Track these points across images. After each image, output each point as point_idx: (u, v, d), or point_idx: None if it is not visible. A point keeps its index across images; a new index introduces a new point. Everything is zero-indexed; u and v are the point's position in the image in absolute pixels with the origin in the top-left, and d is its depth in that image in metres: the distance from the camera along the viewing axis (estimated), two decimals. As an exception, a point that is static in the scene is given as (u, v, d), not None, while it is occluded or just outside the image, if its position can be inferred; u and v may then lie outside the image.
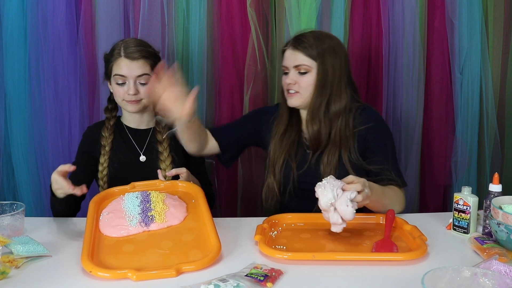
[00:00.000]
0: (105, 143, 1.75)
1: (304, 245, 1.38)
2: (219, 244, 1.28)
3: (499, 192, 1.41)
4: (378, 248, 1.32)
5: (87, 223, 1.37)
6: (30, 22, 2.03)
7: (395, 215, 1.46)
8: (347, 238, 1.40)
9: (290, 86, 1.64)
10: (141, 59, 1.67)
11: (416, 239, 1.35)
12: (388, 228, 1.40)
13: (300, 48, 1.62)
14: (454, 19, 2.05)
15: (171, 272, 1.16)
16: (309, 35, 1.64)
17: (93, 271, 1.17)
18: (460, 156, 2.15)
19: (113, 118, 1.80)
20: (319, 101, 1.62)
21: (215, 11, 2.07)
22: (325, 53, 1.60)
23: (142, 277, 1.15)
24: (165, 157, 1.75)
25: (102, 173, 1.73)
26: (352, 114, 1.64)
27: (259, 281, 1.11)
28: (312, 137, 1.64)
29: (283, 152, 1.68)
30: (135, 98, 1.69)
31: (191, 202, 1.50)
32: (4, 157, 2.14)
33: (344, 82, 1.63)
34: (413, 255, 1.27)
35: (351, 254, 1.31)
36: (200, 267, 1.20)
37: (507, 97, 2.15)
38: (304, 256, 1.28)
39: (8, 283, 1.15)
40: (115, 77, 1.69)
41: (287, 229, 1.49)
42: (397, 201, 1.58)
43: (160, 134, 1.78)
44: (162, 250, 1.28)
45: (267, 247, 1.30)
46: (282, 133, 1.70)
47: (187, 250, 1.28)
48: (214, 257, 1.24)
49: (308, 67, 1.61)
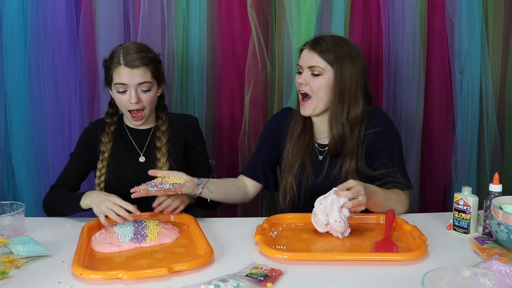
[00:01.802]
0: (105, 149, 1.73)
1: (304, 245, 1.38)
2: (210, 248, 1.28)
3: (499, 192, 1.41)
4: (378, 248, 1.32)
5: (78, 244, 1.34)
6: (30, 22, 2.03)
7: (395, 215, 1.46)
8: (347, 238, 1.40)
9: (301, 87, 1.63)
10: (141, 67, 1.64)
11: (416, 239, 1.35)
12: (388, 228, 1.40)
13: (317, 49, 1.61)
14: (454, 19, 2.05)
15: (163, 270, 1.16)
16: (328, 38, 1.64)
17: (84, 274, 1.16)
18: (460, 156, 2.15)
19: (114, 124, 1.77)
20: (340, 107, 1.61)
21: (215, 11, 2.07)
22: (342, 59, 1.59)
23: (133, 276, 1.15)
24: (163, 163, 1.72)
25: (100, 179, 1.72)
26: (364, 120, 1.64)
27: (259, 281, 1.11)
28: (337, 140, 1.62)
29: (300, 154, 1.67)
30: (138, 106, 1.67)
31: (184, 228, 1.51)
32: (4, 157, 2.14)
33: (361, 90, 1.63)
34: (413, 255, 1.27)
35: (351, 254, 1.31)
36: (192, 266, 1.20)
37: (507, 97, 2.15)
38: (304, 256, 1.28)
39: (8, 283, 1.15)
40: (116, 85, 1.66)
41: (287, 229, 1.49)
42: (399, 203, 1.58)
43: (160, 140, 1.75)
44: (154, 257, 1.30)
45: (267, 247, 1.30)
46: (299, 135, 1.69)
47: (180, 258, 1.29)
48: (207, 258, 1.24)
49: (322, 70, 1.60)
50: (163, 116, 1.78)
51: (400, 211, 1.57)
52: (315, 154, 1.69)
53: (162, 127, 1.76)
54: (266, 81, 2.12)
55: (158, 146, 1.74)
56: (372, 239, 1.39)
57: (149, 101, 1.68)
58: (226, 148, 2.18)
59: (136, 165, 1.74)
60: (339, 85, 1.60)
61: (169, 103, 2.09)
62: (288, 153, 1.69)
